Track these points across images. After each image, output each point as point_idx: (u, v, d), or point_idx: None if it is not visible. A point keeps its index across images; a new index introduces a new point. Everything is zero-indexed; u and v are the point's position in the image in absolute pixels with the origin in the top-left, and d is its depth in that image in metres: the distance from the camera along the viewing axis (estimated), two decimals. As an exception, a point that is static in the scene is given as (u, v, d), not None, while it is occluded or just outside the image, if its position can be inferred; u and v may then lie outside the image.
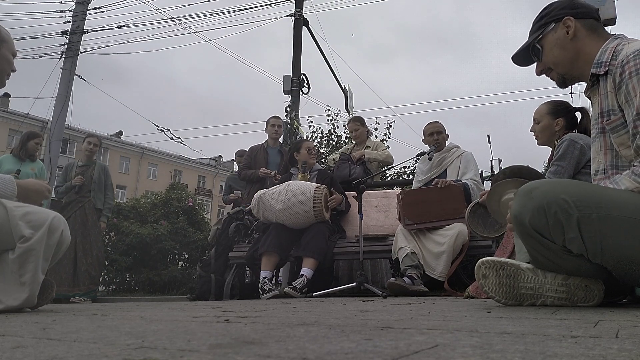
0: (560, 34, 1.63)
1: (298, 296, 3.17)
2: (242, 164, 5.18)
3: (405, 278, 3.03)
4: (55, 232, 1.73)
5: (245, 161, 5.08)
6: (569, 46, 1.62)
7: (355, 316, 1.33)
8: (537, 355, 0.61)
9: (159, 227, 7.49)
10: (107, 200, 5.41)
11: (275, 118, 5.26)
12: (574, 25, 1.62)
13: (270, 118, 5.24)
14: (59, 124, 8.83)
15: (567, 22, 1.62)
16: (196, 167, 41.76)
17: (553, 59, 1.66)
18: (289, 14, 9.17)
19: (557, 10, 1.67)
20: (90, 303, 4.58)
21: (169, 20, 13.01)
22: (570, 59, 1.63)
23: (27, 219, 1.68)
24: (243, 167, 5.08)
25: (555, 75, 1.70)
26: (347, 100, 9.53)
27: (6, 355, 0.68)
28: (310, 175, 4.05)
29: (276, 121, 5.19)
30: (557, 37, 1.64)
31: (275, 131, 5.12)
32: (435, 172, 3.64)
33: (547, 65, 1.70)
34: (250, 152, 5.08)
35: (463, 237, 3.09)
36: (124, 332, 0.97)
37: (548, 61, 1.68)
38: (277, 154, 5.04)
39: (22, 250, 1.65)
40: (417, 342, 0.76)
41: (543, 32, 1.67)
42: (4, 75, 1.89)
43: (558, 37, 1.64)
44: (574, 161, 2.47)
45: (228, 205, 5.64)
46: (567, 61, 1.64)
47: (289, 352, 0.67)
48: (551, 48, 1.66)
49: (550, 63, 1.68)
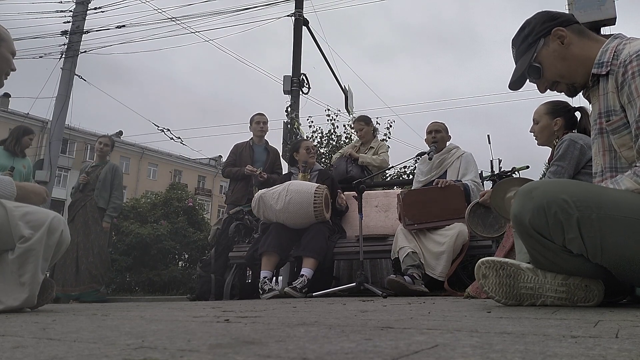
0: (555, 46, 1.61)
1: (298, 296, 3.17)
2: (226, 161, 5.05)
3: (406, 277, 3.03)
4: (55, 232, 1.73)
5: (229, 158, 4.95)
6: (568, 55, 1.60)
7: (355, 316, 1.33)
8: (537, 355, 0.61)
9: (159, 227, 7.49)
10: (112, 199, 5.34)
11: (260, 115, 5.15)
12: (567, 34, 1.60)
13: (255, 115, 5.14)
14: (59, 124, 8.83)
15: (557, 32, 1.60)
16: (196, 167, 41.75)
17: (558, 71, 1.64)
18: (289, 14, 9.17)
19: (540, 25, 1.65)
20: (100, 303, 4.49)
21: (169, 20, 12.99)
22: (575, 66, 1.61)
23: (27, 219, 1.68)
24: (227, 164, 4.96)
25: (564, 86, 1.67)
26: (347, 100, 9.53)
27: (6, 355, 0.68)
28: (311, 176, 4.05)
29: (261, 118, 5.08)
30: (554, 50, 1.62)
31: (260, 128, 5.01)
32: (435, 174, 3.64)
33: (552, 80, 1.67)
34: (235, 150, 4.97)
35: (463, 237, 3.09)
36: (124, 332, 0.97)
37: (553, 75, 1.65)
38: (263, 152, 4.94)
39: (22, 251, 1.64)
40: (417, 342, 0.76)
41: (536, 50, 1.64)
42: (2, 74, 1.88)
43: (554, 49, 1.61)
44: (574, 161, 2.48)
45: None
46: (572, 70, 1.62)
47: (289, 352, 0.67)
48: (552, 62, 1.63)
49: (556, 77, 1.65)
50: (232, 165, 4.87)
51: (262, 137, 5.01)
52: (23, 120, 22.24)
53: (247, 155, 4.86)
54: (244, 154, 4.88)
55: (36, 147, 21.90)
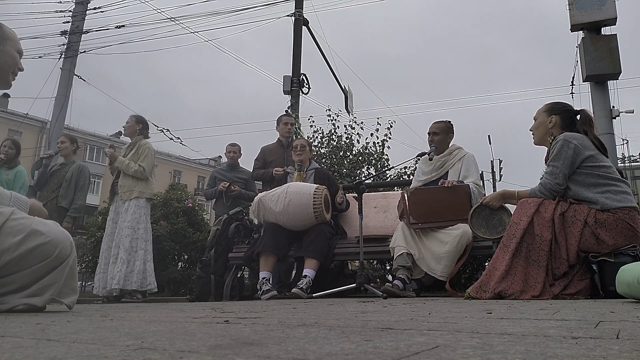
0: None
1: (305, 297, 3.17)
2: (255, 165, 4.94)
3: (397, 281, 3.07)
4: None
5: (258, 162, 4.84)
6: None
7: (356, 317, 1.33)
8: (538, 356, 0.61)
9: (158, 228, 7.47)
10: (75, 200, 5.03)
11: (288, 116, 5.05)
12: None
13: (282, 116, 5.03)
14: (59, 124, 8.84)
15: None
16: (196, 168, 41.72)
17: None
18: (289, 13, 9.19)
19: None
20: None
21: (168, 20, 13.00)
22: None
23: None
24: (255, 167, 4.87)
25: None
26: (347, 101, 9.54)
27: (6, 355, 0.68)
28: (307, 174, 4.04)
29: (288, 119, 4.97)
30: None
31: (288, 130, 4.90)
32: (436, 175, 3.62)
33: None
34: (262, 152, 4.85)
35: (467, 237, 3.07)
36: (124, 333, 0.97)
37: None
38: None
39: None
40: (417, 343, 0.76)
41: None
42: (9, 73, 1.86)
43: None
44: (569, 161, 2.48)
45: (209, 200, 5.51)
46: None
47: (289, 353, 0.66)
48: None
49: None
50: (261, 167, 4.77)
51: (289, 138, 4.92)
52: (22, 121, 22.23)
53: (281, 155, 4.73)
54: (274, 154, 4.78)
55: (35, 147, 21.90)
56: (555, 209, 2.44)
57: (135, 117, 4.96)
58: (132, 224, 4.51)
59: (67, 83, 9.21)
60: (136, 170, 4.61)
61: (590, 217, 2.38)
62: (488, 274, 2.44)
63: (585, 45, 5.69)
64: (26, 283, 1.61)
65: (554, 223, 2.40)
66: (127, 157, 4.75)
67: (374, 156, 7.17)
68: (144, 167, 4.63)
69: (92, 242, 7.05)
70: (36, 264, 1.61)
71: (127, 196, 4.60)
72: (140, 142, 4.80)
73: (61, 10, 9.97)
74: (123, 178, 4.69)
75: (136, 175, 4.61)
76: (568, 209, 2.44)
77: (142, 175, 4.63)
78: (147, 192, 4.69)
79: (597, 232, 2.36)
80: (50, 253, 1.63)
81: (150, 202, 4.81)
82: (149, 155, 4.72)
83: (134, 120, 4.91)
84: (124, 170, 4.66)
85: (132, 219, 4.52)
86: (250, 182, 5.30)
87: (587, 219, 2.38)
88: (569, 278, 2.38)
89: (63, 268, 1.66)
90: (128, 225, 4.49)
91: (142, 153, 4.71)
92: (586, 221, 2.38)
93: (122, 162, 4.67)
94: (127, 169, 4.63)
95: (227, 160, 5.54)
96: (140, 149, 4.75)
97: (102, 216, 7.08)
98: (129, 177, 4.65)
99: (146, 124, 4.97)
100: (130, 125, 4.88)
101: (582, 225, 2.38)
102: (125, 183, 4.65)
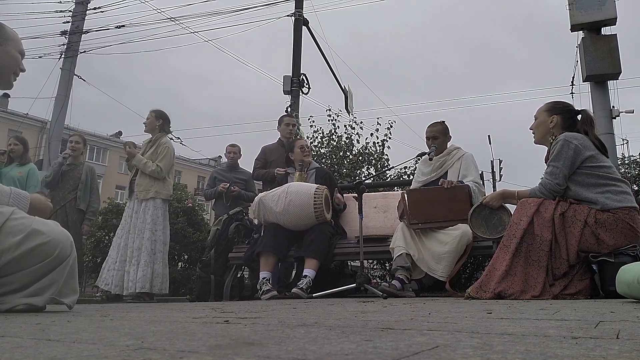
0: None
1: (305, 297, 3.16)
2: (255, 164, 4.93)
3: (395, 281, 3.07)
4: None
5: (259, 162, 4.82)
6: None
7: (356, 317, 1.33)
8: (538, 356, 0.61)
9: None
10: (91, 203, 5.06)
11: (290, 117, 5.03)
12: None
13: (284, 116, 5.00)
14: (59, 124, 8.84)
15: None
16: (195, 168, 41.67)
17: None
18: (289, 13, 9.19)
19: None
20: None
21: (168, 20, 13.00)
22: None
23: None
24: (256, 167, 4.85)
25: None
26: (347, 101, 9.54)
27: (6, 355, 0.68)
28: (308, 174, 4.04)
29: (290, 120, 4.96)
30: None
31: (289, 130, 4.89)
32: (435, 175, 3.62)
33: None
34: (263, 152, 4.84)
35: (467, 237, 3.07)
36: (124, 332, 0.97)
37: None
38: None
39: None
40: (417, 343, 0.76)
41: None
42: (11, 73, 1.85)
43: None
44: (569, 161, 2.48)
45: (209, 200, 5.47)
46: None
47: (289, 353, 0.66)
48: None
49: None
50: (262, 167, 4.75)
51: (290, 138, 4.88)
52: (22, 121, 22.22)
53: (282, 155, 4.67)
54: (275, 154, 4.75)
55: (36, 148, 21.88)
56: (556, 209, 2.44)
57: (155, 112, 4.83)
58: (152, 226, 4.47)
59: (67, 83, 9.21)
60: (153, 170, 4.54)
61: (591, 217, 2.38)
62: (488, 274, 2.44)
63: (585, 45, 5.69)
64: (26, 283, 1.61)
65: (554, 223, 2.40)
66: (147, 155, 4.67)
67: (374, 156, 7.18)
68: (162, 168, 4.57)
69: (92, 242, 7.05)
70: (36, 263, 1.60)
71: (143, 195, 4.55)
72: (161, 140, 4.73)
73: (61, 10, 9.98)
74: (140, 177, 4.62)
75: (153, 175, 4.55)
76: (568, 209, 2.44)
77: (159, 175, 4.56)
78: (164, 192, 4.62)
79: (597, 232, 2.36)
80: (51, 253, 1.63)
81: (166, 202, 4.73)
82: (167, 155, 4.64)
83: (154, 115, 4.79)
84: (142, 169, 4.59)
85: (151, 221, 4.48)
86: (250, 183, 5.32)
87: (587, 219, 2.38)
88: (569, 278, 2.37)
89: (63, 268, 1.66)
90: (149, 228, 4.45)
91: (161, 152, 4.65)
92: (586, 221, 2.38)
93: (140, 161, 4.60)
94: (144, 167, 4.56)
95: (227, 161, 5.59)
96: (160, 147, 4.68)
97: (102, 216, 7.08)
98: (147, 176, 4.58)
99: (167, 119, 4.86)
100: (150, 121, 4.77)
101: (582, 226, 2.38)
102: (142, 182, 4.58)
